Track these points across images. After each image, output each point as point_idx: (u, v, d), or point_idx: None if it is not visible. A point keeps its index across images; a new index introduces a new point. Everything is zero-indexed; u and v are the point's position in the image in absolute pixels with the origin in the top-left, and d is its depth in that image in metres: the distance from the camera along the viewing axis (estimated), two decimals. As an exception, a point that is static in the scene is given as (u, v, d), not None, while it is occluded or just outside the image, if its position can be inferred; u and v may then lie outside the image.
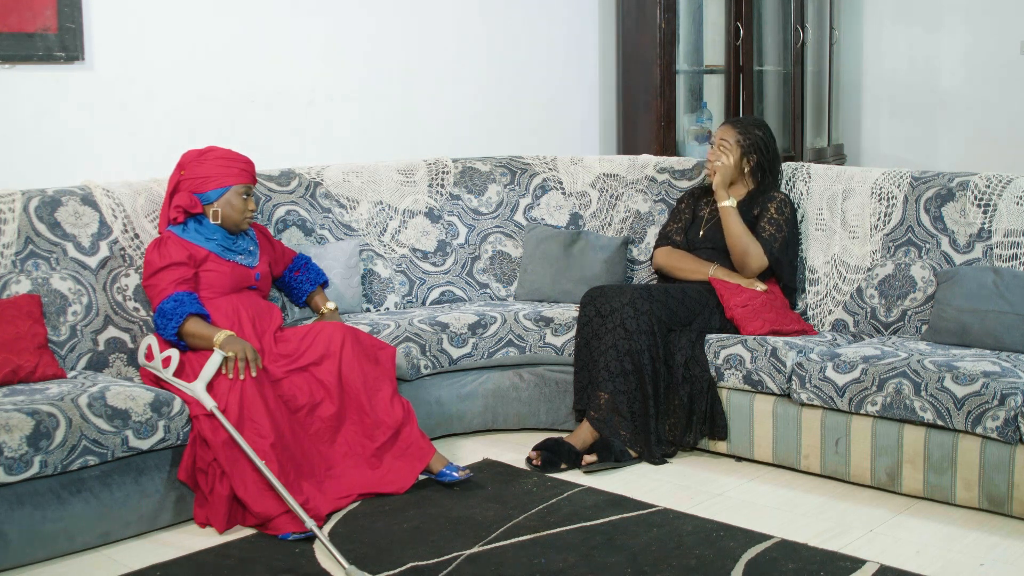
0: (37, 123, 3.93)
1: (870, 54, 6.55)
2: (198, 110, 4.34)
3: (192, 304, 3.38)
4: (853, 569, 2.90)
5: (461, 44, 5.22)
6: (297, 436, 3.36)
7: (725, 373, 3.74)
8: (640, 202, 4.52)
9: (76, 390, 3.14)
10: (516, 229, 4.58)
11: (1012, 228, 3.73)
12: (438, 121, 5.15)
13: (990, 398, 3.18)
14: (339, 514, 3.32)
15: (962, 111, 6.21)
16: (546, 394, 4.10)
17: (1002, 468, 3.20)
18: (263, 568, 2.98)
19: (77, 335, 3.53)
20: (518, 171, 4.67)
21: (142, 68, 4.18)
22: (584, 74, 5.74)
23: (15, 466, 2.91)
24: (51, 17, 3.89)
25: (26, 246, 3.52)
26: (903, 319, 3.86)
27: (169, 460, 3.27)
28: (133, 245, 3.72)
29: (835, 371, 3.48)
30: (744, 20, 5.68)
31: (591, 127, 5.80)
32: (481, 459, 3.83)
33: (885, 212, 4.00)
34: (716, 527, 3.19)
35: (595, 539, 3.12)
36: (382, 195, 4.43)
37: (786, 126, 6.08)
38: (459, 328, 4.00)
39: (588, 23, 5.73)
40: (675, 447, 3.81)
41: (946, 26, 6.22)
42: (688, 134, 5.71)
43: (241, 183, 3.58)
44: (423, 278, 4.39)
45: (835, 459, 3.53)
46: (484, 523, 3.24)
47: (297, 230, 4.18)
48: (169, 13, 4.24)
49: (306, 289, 3.93)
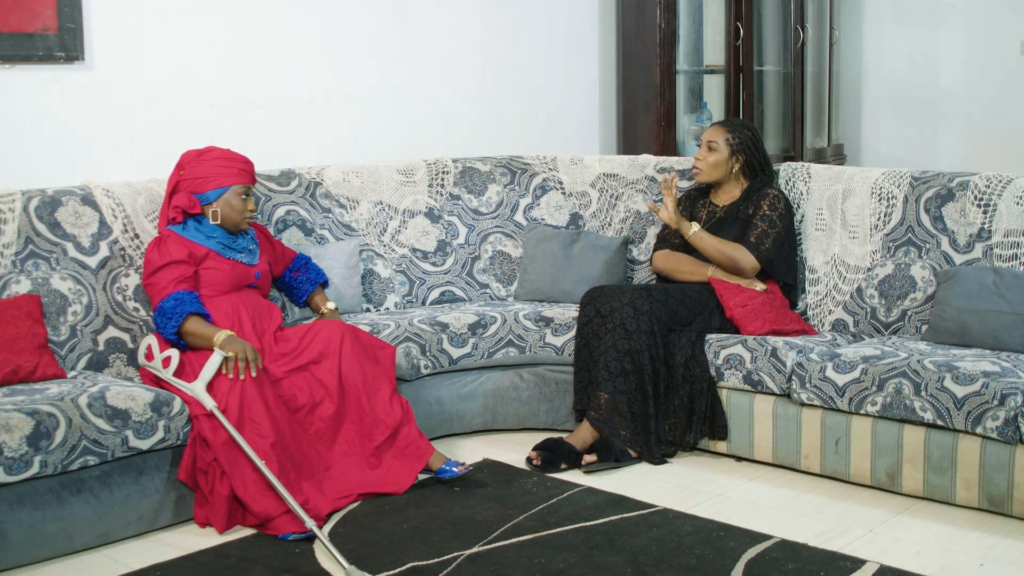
0: (37, 123, 3.93)
1: (870, 54, 6.55)
2: (198, 110, 4.34)
3: (192, 303, 3.38)
4: (853, 569, 2.90)
5: (461, 44, 5.22)
6: (297, 436, 3.36)
7: (725, 373, 3.74)
8: (640, 202, 4.52)
9: (76, 390, 3.14)
10: (516, 229, 4.58)
11: (1012, 228, 3.73)
12: (438, 121, 5.15)
13: (990, 398, 3.18)
14: (339, 514, 3.32)
15: (962, 111, 6.21)
16: (546, 394, 4.10)
17: (1002, 468, 3.20)
18: (263, 568, 2.98)
19: (77, 335, 3.53)
20: (518, 171, 4.68)
21: (142, 68, 4.18)
22: (584, 74, 5.74)
23: (15, 466, 2.91)
24: (51, 17, 3.89)
25: (26, 246, 3.52)
26: (903, 319, 3.86)
27: (169, 460, 3.27)
28: (133, 245, 3.72)
29: (835, 371, 3.48)
30: (744, 20, 5.68)
31: (591, 127, 5.80)
32: (481, 459, 3.83)
33: (885, 212, 4.00)
34: (716, 527, 3.19)
35: (595, 539, 3.12)
36: (382, 195, 4.43)
37: (786, 126, 6.08)
38: (459, 328, 4.00)
39: (588, 23, 5.73)
40: (675, 447, 3.81)
41: (946, 26, 6.22)
42: (688, 134, 5.71)
43: (240, 183, 3.58)
44: (423, 278, 4.39)
45: (835, 459, 3.53)
46: (484, 523, 3.24)
47: (297, 230, 4.18)
48: (169, 13, 4.24)
49: (306, 289, 3.93)
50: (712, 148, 4.08)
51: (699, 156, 4.12)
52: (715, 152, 4.07)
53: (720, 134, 4.09)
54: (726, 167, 4.08)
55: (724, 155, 4.07)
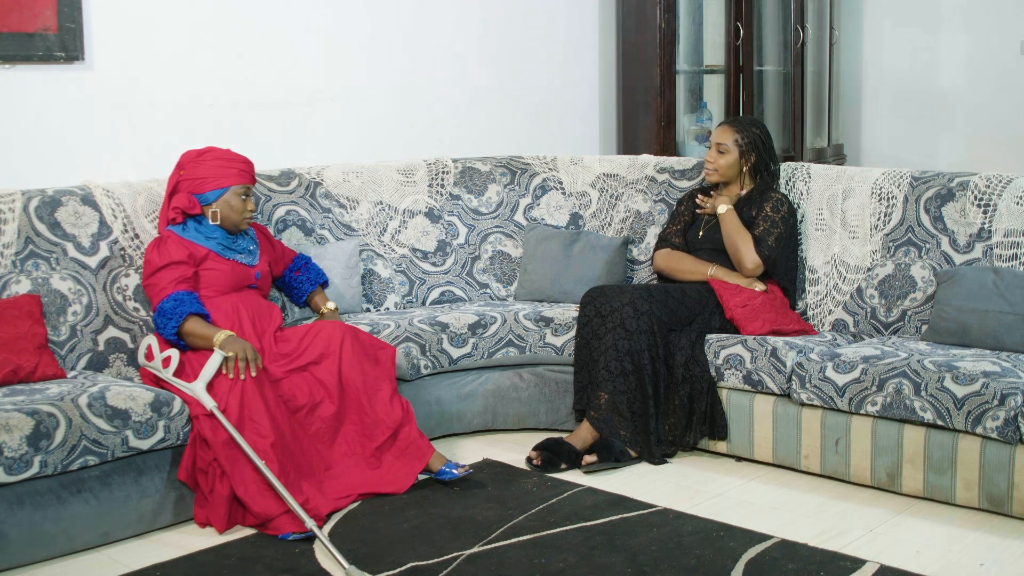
0: (37, 123, 3.93)
1: (870, 54, 6.55)
2: (198, 110, 4.34)
3: (192, 303, 3.38)
4: (853, 569, 2.90)
5: (461, 44, 5.22)
6: (297, 436, 3.36)
7: (725, 373, 3.74)
8: (640, 202, 4.52)
9: (76, 390, 3.14)
10: (516, 229, 4.58)
11: (1012, 228, 3.73)
12: (438, 121, 5.15)
13: (990, 398, 3.18)
14: (339, 514, 3.32)
15: (962, 111, 6.21)
16: (546, 394, 4.10)
17: (1002, 468, 3.20)
18: (263, 568, 2.98)
19: (77, 335, 3.53)
20: (518, 171, 4.68)
21: (142, 68, 4.18)
22: (584, 74, 5.74)
23: (15, 466, 2.91)
24: (51, 17, 3.89)
25: (26, 246, 3.52)
26: (903, 319, 3.86)
27: (169, 460, 3.27)
28: (133, 245, 3.72)
29: (835, 371, 3.48)
30: (744, 20, 5.68)
31: (591, 127, 5.80)
32: (481, 459, 3.82)
33: (885, 212, 4.00)
34: (716, 527, 3.19)
35: (595, 539, 3.12)
36: (382, 195, 4.43)
37: (786, 126, 6.08)
38: (459, 328, 4.00)
39: (588, 23, 5.73)
40: (675, 447, 3.81)
41: (946, 26, 6.22)
42: (688, 134, 5.71)
43: (240, 183, 3.58)
44: (423, 278, 4.39)
45: (835, 459, 3.53)
46: (484, 523, 3.24)
47: (297, 230, 4.18)
48: (169, 13, 4.24)
49: (306, 289, 3.93)
50: (722, 151, 4.08)
51: (710, 158, 4.12)
52: (726, 154, 4.08)
53: (728, 135, 4.09)
54: (738, 167, 4.09)
55: (735, 156, 4.07)
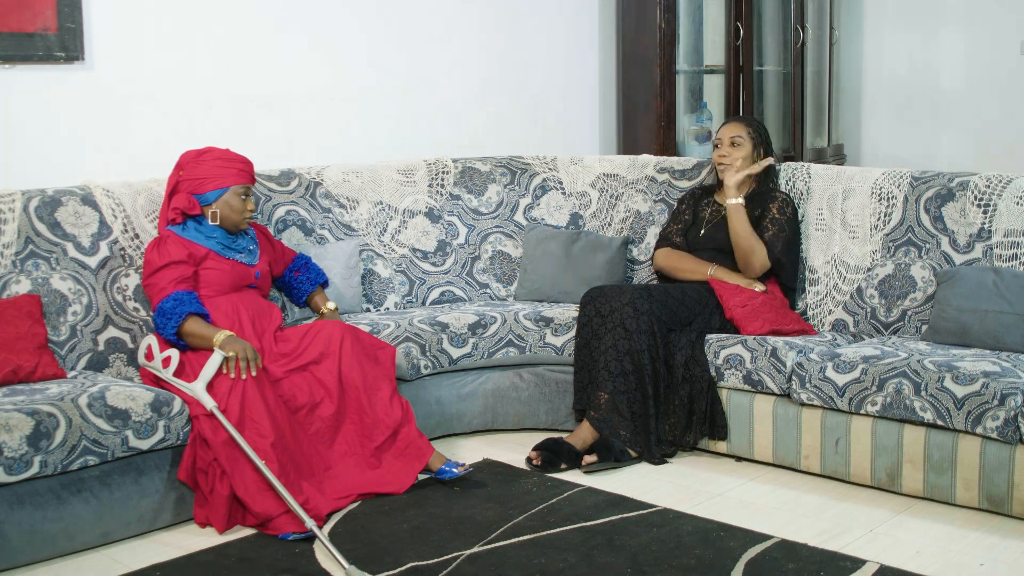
0: (37, 123, 3.93)
1: (870, 54, 6.55)
2: (198, 110, 4.34)
3: (192, 303, 3.38)
4: (853, 569, 2.90)
5: (461, 44, 5.22)
6: (297, 436, 3.36)
7: (725, 373, 3.74)
8: (640, 202, 4.52)
9: (76, 390, 3.14)
10: (516, 229, 4.58)
11: (1012, 228, 3.73)
12: (438, 121, 5.15)
13: (990, 398, 3.18)
14: (339, 514, 3.32)
15: (962, 111, 6.20)
16: (546, 394, 4.10)
17: (1002, 468, 3.20)
18: (263, 568, 2.98)
19: (77, 335, 3.53)
20: (518, 171, 4.68)
21: (142, 68, 4.18)
22: (584, 74, 5.74)
23: (15, 466, 2.91)
24: (51, 17, 3.89)
25: (26, 246, 3.52)
26: (903, 319, 3.86)
27: (169, 460, 3.27)
28: (133, 245, 3.72)
29: (835, 371, 3.48)
30: (744, 20, 5.68)
31: (591, 127, 5.80)
32: (481, 459, 3.82)
33: (885, 212, 4.00)
34: (716, 527, 3.19)
35: (595, 539, 3.12)
36: (382, 195, 4.43)
37: (786, 126, 6.07)
38: (459, 328, 4.00)
39: (588, 23, 5.73)
40: (675, 447, 3.81)
41: (946, 26, 6.22)
42: (688, 134, 5.71)
43: (239, 183, 3.58)
44: (423, 278, 4.39)
45: (835, 459, 3.53)
46: (484, 523, 3.24)
47: (297, 230, 4.18)
48: (169, 13, 4.24)
49: (306, 289, 3.93)
50: (736, 143, 4.07)
51: (723, 153, 4.09)
52: (740, 147, 4.07)
53: (741, 128, 4.09)
54: (751, 160, 4.08)
55: (749, 148, 4.07)
